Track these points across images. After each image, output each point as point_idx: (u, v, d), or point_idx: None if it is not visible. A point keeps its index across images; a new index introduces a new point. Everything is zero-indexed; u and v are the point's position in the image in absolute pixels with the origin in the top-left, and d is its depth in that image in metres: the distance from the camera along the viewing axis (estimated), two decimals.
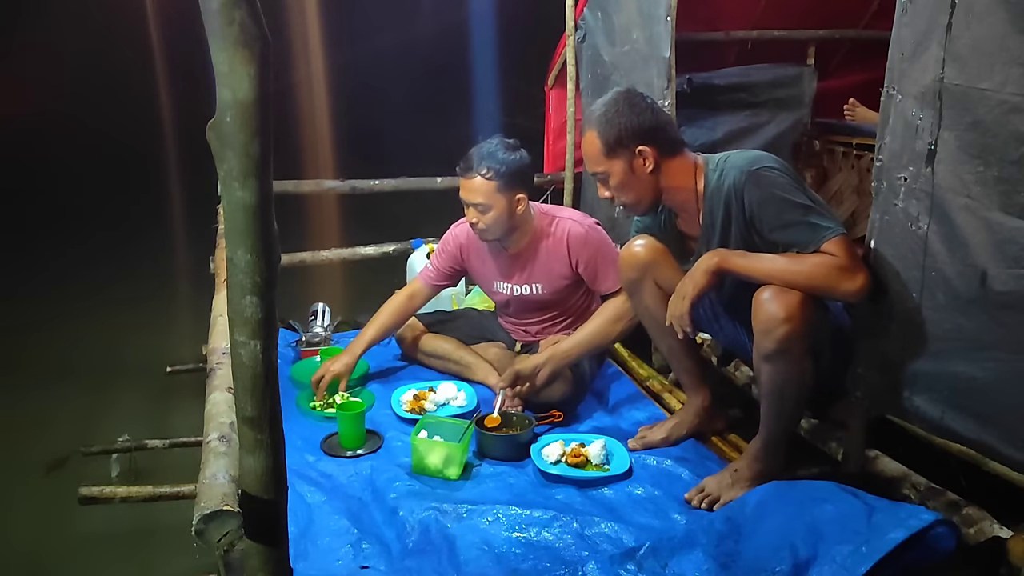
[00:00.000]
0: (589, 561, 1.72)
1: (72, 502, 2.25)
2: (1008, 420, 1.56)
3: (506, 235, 2.56)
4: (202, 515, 1.39)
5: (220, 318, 2.51)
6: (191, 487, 1.97)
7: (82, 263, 5.14)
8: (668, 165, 2.00)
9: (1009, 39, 1.42)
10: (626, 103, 1.98)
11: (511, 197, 2.48)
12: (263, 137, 0.91)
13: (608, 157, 1.98)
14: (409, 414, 2.45)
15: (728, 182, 1.91)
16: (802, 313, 1.77)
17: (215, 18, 0.86)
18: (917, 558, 1.55)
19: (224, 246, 0.99)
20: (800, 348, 1.80)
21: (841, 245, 1.77)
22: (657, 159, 1.98)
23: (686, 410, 2.36)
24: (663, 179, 2.01)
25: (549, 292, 2.65)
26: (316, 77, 9.55)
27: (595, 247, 2.54)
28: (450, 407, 2.49)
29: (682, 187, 2.01)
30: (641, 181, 2.00)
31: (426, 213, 4.27)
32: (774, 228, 1.85)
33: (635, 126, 1.96)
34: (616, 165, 1.99)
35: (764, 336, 1.81)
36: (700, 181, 1.99)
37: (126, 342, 4.00)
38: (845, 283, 1.75)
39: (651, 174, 1.99)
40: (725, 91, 3.39)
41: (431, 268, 2.79)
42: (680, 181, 2.01)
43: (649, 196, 2.03)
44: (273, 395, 1.02)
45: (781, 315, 1.76)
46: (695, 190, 2.00)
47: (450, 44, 9.22)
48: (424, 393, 2.54)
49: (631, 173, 1.99)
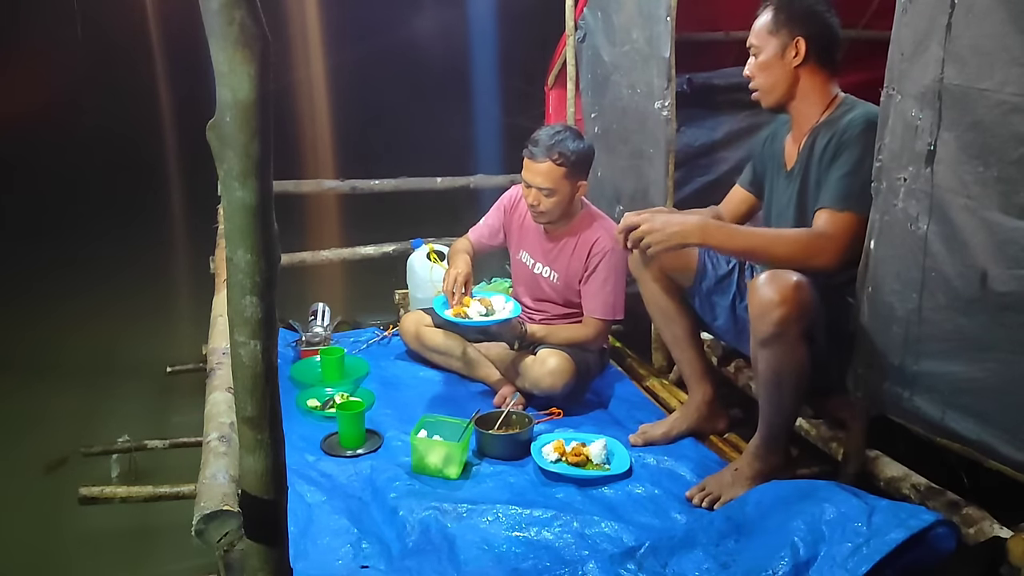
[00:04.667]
0: (589, 560, 1.72)
1: (72, 502, 2.25)
2: (1008, 420, 1.56)
3: (558, 219, 2.62)
4: (202, 515, 1.40)
5: (220, 318, 2.51)
6: (191, 487, 1.98)
7: (82, 263, 5.13)
8: (813, 73, 2.01)
9: (1009, 39, 1.42)
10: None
11: (575, 183, 2.55)
12: (263, 137, 0.91)
13: (768, 33, 2.01)
14: (455, 318, 2.46)
15: (846, 120, 1.93)
16: (796, 295, 1.80)
17: (215, 18, 0.86)
18: (917, 558, 1.55)
19: (224, 246, 0.99)
20: (796, 331, 1.82)
21: (842, 222, 1.86)
22: (806, 57, 1.99)
23: (687, 406, 2.37)
24: (801, 82, 2.02)
25: (562, 285, 2.70)
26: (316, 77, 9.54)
27: (609, 266, 2.58)
28: (495, 318, 2.50)
29: (812, 103, 2.02)
30: (782, 70, 2.01)
31: (426, 213, 4.27)
32: (833, 166, 1.91)
33: (805, 16, 1.98)
34: (771, 44, 2.00)
35: (760, 320, 1.83)
36: (830, 110, 2.01)
37: (126, 342, 4.00)
38: (815, 260, 1.87)
39: (795, 68, 2.00)
40: (725, 91, 3.38)
41: (480, 223, 2.88)
42: (813, 96, 2.02)
43: (782, 88, 2.04)
44: (273, 395, 1.02)
45: (776, 298, 1.79)
46: (818, 115, 2.02)
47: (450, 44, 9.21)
48: (468, 300, 2.54)
49: (779, 57, 2.00)
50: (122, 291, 4.63)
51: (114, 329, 4.14)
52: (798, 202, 2.05)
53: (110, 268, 5.00)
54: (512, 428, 2.32)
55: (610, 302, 2.59)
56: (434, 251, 3.27)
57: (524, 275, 2.80)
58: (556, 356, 2.48)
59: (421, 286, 3.23)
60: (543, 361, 2.48)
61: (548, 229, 2.69)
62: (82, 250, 5.37)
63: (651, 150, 2.74)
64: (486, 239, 2.85)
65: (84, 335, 4.08)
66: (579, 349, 2.57)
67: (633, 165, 2.88)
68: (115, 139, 7.54)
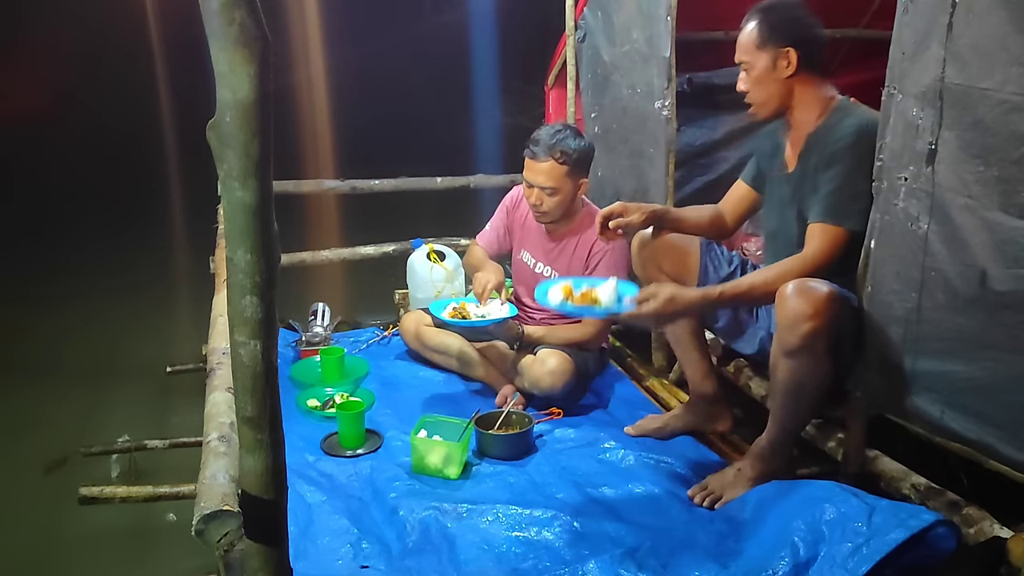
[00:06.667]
0: (589, 560, 1.72)
1: (72, 502, 2.25)
2: (1008, 420, 1.56)
3: (560, 218, 2.63)
4: (202, 515, 1.40)
5: (220, 318, 2.51)
6: (191, 487, 1.98)
7: (82, 263, 5.14)
8: (806, 80, 2.00)
9: (1009, 39, 1.42)
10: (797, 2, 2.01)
11: (576, 181, 2.56)
12: (263, 137, 0.91)
13: (757, 48, 1.99)
14: (452, 320, 2.48)
15: (838, 129, 1.93)
16: (828, 309, 1.77)
17: (215, 18, 0.86)
18: (917, 558, 1.55)
19: (224, 246, 0.99)
20: (823, 345, 1.80)
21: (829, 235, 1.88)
22: (798, 67, 1.98)
23: (686, 405, 2.38)
24: (796, 91, 2.01)
25: None
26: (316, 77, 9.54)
27: (609, 265, 2.58)
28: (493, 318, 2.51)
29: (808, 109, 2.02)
30: (776, 83, 2.01)
31: (426, 213, 4.28)
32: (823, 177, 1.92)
33: (790, 26, 1.98)
34: (761, 58, 1.99)
35: (788, 331, 1.80)
36: (825, 116, 2.00)
37: (126, 342, 4.00)
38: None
39: (787, 79, 2.00)
40: (725, 91, 3.38)
41: (487, 230, 2.90)
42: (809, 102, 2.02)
43: (776, 101, 2.03)
44: (273, 395, 1.02)
45: (808, 311, 1.76)
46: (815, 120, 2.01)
47: (450, 44, 9.21)
48: (464, 305, 2.57)
49: (771, 71, 1.99)
50: (122, 291, 4.63)
51: (114, 329, 4.14)
52: (798, 214, 2.04)
53: (110, 268, 5.00)
54: (512, 428, 2.32)
55: None
56: (434, 251, 3.27)
57: (525, 274, 2.80)
58: (556, 356, 2.48)
59: (421, 286, 3.23)
60: (543, 361, 2.48)
61: (550, 228, 2.69)
62: (82, 250, 5.37)
63: (651, 150, 2.74)
64: (496, 245, 2.86)
65: (84, 335, 4.08)
66: (579, 349, 2.57)
67: (633, 165, 2.88)
68: (115, 139, 7.55)
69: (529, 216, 2.73)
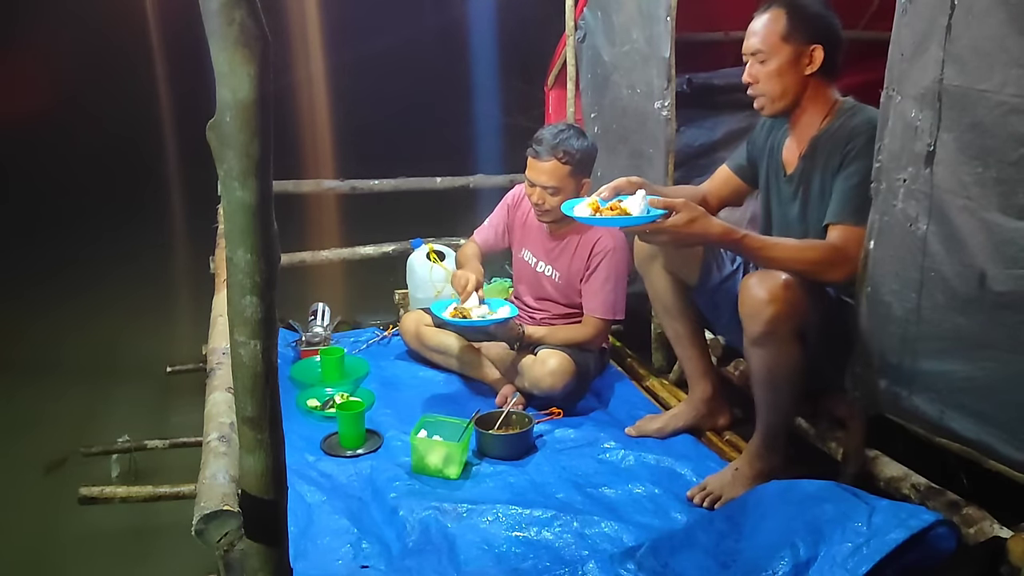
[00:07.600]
0: (589, 560, 1.72)
1: (72, 502, 2.25)
2: (1007, 419, 1.56)
3: (562, 217, 2.59)
4: (202, 515, 1.40)
5: (220, 318, 2.51)
6: (191, 487, 1.98)
7: (82, 262, 5.13)
8: (819, 81, 1.97)
9: (1009, 40, 1.42)
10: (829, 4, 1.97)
11: (579, 181, 2.56)
12: (263, 137, 0.91)
13: (782, 40, 1.94)
14: (453, 319, 2.46)
15: (850, 128, 1.91)
16: (786, 295, 1.81)
17: (215, 18, 0.86)
18: (917, 558, 1.55)
19: (224, 246, 0.99)
20: (787, 330, 1.83)
21: (853, 236, 1.84)
22: (819, 67, 1.95)
23: (685, 403, 2.39)
24: (808, 90, 1.98)
25: (563, 284, 2.70)
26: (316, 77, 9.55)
27: (610, 266, 2.58)
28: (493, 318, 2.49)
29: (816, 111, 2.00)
30: (794, 78, 1.96)
31: (426, 213, 4.27)
32: (840, 176, 1.90)
33: (821, 23, 1.94)
34: (784, 50, 1.94)
35: (751, 320, 1.85)
36: (831, 118, 1.98)
37: (126, 342, 3.99)
38: (830, 273, 1.88)
39: (805, 77, 1.96)
40: (725, 91, 3.38)
41: (485, 225, 2.89)
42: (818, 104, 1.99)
43: (789, 98, 1.99)
44: (273, 395, 1.03)
45: (766, 297, 1.81)
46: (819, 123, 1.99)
47: (450, 44, 9.22)
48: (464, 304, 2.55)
49: (793, 65, 1.94)
50: (122, 291, 4.63)
51: (114, 329, 4.14)
52: (803, 215, 2.04)
53: (110, 268, 5.00)
54: (512, 428, 2.32)
55: (610, 301, 2.59)
56: (434, 251, 3.28)
57: (526, 274, 2.80)
58: (556, 356, 2.48)
59: (421, 286, 3.23)
60: (543, 361, 2.48)
61: (551, 228, 2.70)
62: (82, 250, 5.37)
63: (651, 150, 2.74)
64: (492, 241, 2.86)
65: (84, 335, 4.08)
66: (579, 349, 2.57)
67: (633, 165, 2.88)
68: (115, 139, 7.54)
69: (530, 215, 2.73)
